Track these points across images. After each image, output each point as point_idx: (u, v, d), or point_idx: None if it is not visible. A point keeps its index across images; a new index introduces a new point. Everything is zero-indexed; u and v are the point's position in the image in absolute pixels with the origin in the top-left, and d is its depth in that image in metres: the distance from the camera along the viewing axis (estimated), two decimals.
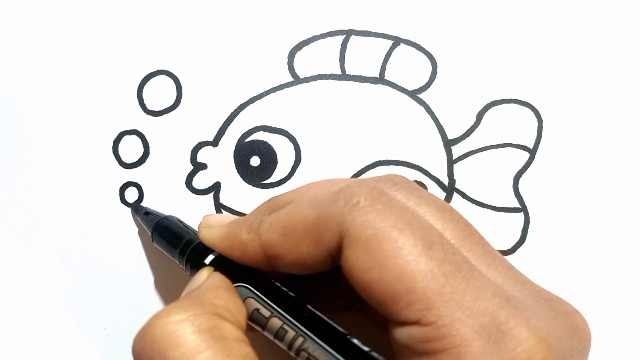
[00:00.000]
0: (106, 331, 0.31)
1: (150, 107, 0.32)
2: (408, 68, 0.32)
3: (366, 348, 0.21)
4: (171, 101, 0.32)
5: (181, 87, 0.32)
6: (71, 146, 0.32)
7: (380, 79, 0.32)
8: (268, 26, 0.32)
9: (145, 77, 0.32)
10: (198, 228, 0.25)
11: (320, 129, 0.31)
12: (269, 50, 0.32)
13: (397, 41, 0.32)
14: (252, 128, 0.31)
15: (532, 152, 0.32)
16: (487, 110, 0.32)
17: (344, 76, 0.32)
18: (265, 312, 0.22)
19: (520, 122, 0.32)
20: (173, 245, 0.27)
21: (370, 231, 0.19)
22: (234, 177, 0.31)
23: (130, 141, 0.32)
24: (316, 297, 0.26)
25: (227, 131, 0.32)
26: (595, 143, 0.32)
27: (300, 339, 0.21)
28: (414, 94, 0.32)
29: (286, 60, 0.32)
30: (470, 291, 0.19)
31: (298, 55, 0.32)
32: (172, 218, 0.29)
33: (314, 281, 0.26)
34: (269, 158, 0.31)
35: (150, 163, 0.32)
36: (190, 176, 0.31)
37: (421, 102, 0.32)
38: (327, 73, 0.32)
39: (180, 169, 0.31)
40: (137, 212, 0.30)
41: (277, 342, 0.22)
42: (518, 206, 0.32)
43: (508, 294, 0.20)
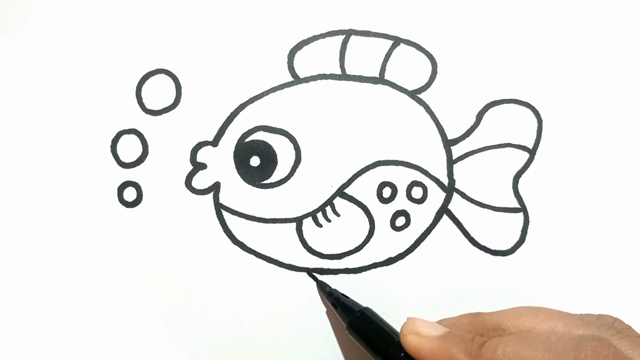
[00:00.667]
0: (106, 331, 0.30)
1: (149, 106, 0.32)
2: (408, 68, 0.32)
3: None
4: (170, 100, 0.32)
5: (181, 87, 0.32)
6: (69, 145, 0.31)
7: (380, 79, 0.32)
8: (268, 26, 0.32)
9: (144, 76, 0.32)
10: (401, 331, 0.25)
11: (320, 129, 0.31)
12: (269, 50, 0.32)
13: (397, 41, 0.32)
14: (252, 128, 0.31)
15: (532, 152, 0.32)
16: (487, 110, 0.32)
17: (344, 76, 0.32)
18: None
19: (520, 122, 0.32)
20: (371, 345, 0.27)
21: None
22: (234, 177, 0.31)
23: (129, 140, 0.31)
24: None
25: (227, 131, 0.31)
26: (594, 143, 0.32)
27: None
28: (414, 94, 0.32)
29: (286, 60, 0.32)
30: None
31: (298, 55, 0.32)
32: (368, 311, 0.28)
33: None
34: (269, 158, 0.31)
35: (149, 163, 0.31)
36: (189, 176, 0.31)
37: (421, 102, 0.32)
38: (327, 73, 0.32)
39: (179, 169, 0.31)
40: (328, 297, 0.30)
41: None
42: (518, 206, 0.32)
43: None
